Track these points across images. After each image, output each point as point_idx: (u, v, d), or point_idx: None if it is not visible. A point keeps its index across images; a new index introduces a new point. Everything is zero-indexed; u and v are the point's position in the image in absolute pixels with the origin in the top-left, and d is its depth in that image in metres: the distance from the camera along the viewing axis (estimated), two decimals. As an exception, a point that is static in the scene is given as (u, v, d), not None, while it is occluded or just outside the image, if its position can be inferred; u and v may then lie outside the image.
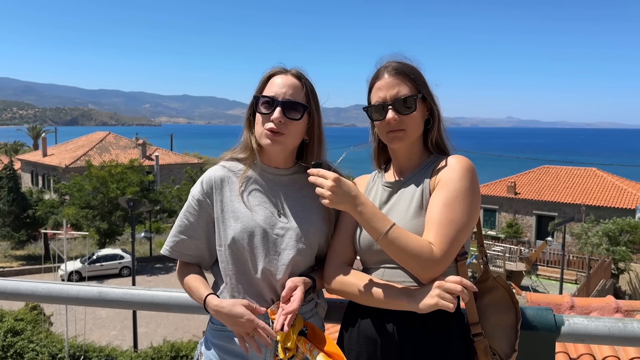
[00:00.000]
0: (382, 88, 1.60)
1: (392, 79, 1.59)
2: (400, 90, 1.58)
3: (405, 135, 1.60)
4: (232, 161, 1.76)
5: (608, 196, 28.87)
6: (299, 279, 1.59)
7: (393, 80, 1.59)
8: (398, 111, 1.58)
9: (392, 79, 1.59)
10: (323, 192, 1.45)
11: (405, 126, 1.59)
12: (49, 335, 12.89)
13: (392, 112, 1.58)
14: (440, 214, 1.48)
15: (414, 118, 1.59)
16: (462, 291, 1.40)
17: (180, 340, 13.68)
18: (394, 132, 1.60)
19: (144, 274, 26.30)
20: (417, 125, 1.61)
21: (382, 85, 1.60)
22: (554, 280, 23.82)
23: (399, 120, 1.58)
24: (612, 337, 1.64)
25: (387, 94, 1.59)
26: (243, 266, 1.65)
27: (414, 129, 1.61)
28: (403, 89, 1.58)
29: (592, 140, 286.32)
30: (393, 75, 1.59)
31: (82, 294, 1.97)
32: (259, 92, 1.68)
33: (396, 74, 1.59)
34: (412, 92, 1.58)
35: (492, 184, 33.05)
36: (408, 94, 1.58)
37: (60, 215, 27.38)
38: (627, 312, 4.53)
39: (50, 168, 42.02)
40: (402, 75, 1.59)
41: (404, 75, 1.59)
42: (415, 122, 1.60)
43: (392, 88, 1.58)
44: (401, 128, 1.59)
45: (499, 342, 1.54)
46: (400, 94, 1.58)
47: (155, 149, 46.41)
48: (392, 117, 1.57)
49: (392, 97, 1.58)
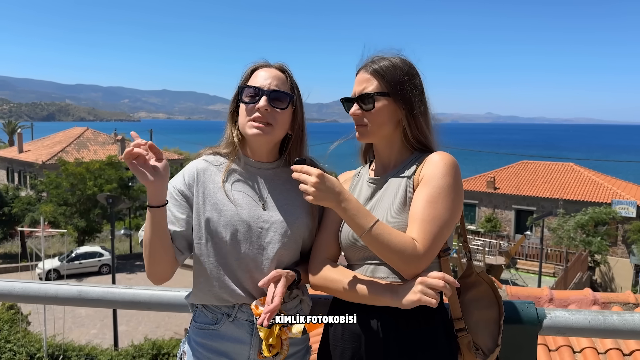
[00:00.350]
0: (355, 83, 1.65)
1: (364, 76, 1.63)
2: (367, 87, 1.61)
3: (366, 131, 1.63)
4: (214, 155, 1.74)
5: (585, 191, 29.42)
6: (282, 270, 1.58)
7: (365, 76, 1.62)
8: (360, 106, 1.61)
9: (364, 76, 1.63)
10: (306, 189, 1.44)
11: (367, 122, 1.62)
12: (27, 334, 12.67)
13: (355, 106, 1.62)
14: (423, 211, 1.48)
15: (375, 115, 1.60)
16: (444, 287, 1.40)
17: (161, 338, 13.58)
18: (357, 126, 1.65)
19: (124, 271, 26.01)
20: (380, 123, 1.61)
21: (356, 80, 1.65)
22: (533, 273, 24.24)
23: (360, 115, 1.62)
24: (592, 330, 1.67)
25: (356, 89, 1.64)
26: (224, 260, 1.62)
27: (377, 126, 1.62)
28: (370, 86, 1.60)
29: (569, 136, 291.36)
30: (367, 72, 1.63)
31: (61, 293, 1.93)
32: (243, 84, 1.66)
33: (369, 71, 1.62)
34: (377, 89, 1.60)
35: (472, 179, 33.42)
36: (371, 91, 1.60)
37: (37, 212, 26.89)
38: (604, 304, 4.63)
39: (26, 164, 41.18)
40: (373, 73, 1.61)
41: (375, 74, 1.61)
42: (377, 119, 1.61)
43: (361, 84, 1.62)
44: (363, 123, 1.62)
45: (482, 337, 1.56)
46: (365, 90, 1.61)
47: (135, 144, 45.66)
48: (353, 111, 1.63)
49: (358, 92, 1.62)
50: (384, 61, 1.62)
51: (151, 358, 12.12)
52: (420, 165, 1.59)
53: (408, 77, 1.61)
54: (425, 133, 1.64)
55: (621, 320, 1.65)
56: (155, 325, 18.33)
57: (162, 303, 1.88)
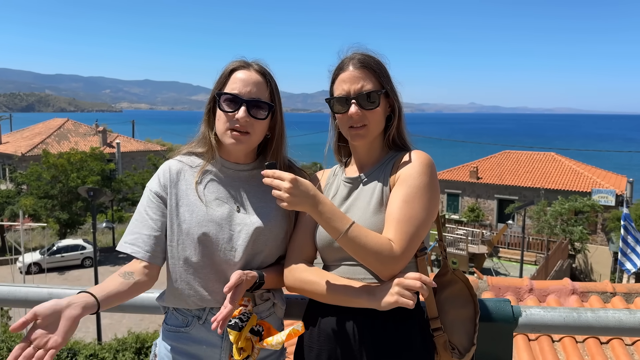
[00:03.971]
0: (346, 80, 1.57)
1: (356, 72, 1.55)
2: (365, 85, 1.55)
3: (367, 131, 1.58)
4: (189, 155, 1.70)
5: (566, 180, 29.84)
6: (242, 272, 1.51)
7: (358, 73, 1.55)
8: (361, 106, 1.55)
9: (356, 72, 1.55)
10: (280, 195, 1.40)
11: (367, 122, 1.56)
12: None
13: (355, 106, 1.55)
14: (399, 211, 1.46)
15: (376, 114, 1.57)
16: (421, 287, 1.39)
17: (145, 331, 13.47)
18: (355, 128, 1.57)
19: (107, 264, 25.75)
20: (379, 122, 1.59)
21: (347, 78, 1.56)
22: (515, 262, 24.57)
23: (361, 116, 1.55)
24: (567, 327, 1.68)
25: (351, 87, 1.55)
26: (195, 262, 1.59)
27: (376, 125, 1.59)
28: (367, 84, 1.55)
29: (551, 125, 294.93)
30: (358, 67, 1.56)
31: (31, 296, 1.88)
32: (220, 88, 1.61)
33: (361, 67, 1.56)
34: (376, 87, 1.55)
35: (455, 169, 33.67)
36: (372, 89, 1.54)
37: (17, 205, 26.42)
38: (582, 294, 4.70)
39: (5, 156, 40.40)
40: (367, 68, 1.55)
41: (369, 69, 1.55)
42: (377, 118, 1.58)
43: (357, 82, 1.55)
44: (363, 124, 1.56)
45: (458, 337, 1.56)
46: (364, 88, 1.55)
47: (117, 136, 45.14)
48: (355, 111, 1.54)
49: (356, 91, 1.55)
50: (367, 55, 1.58)
51: (135, 351, 12.03)
52: (397, 164, 1.57)
53: (388, 73, 1.59)
54: (403, 132, 1.62)
55: (595, 317, 1.66)
56: (139, 318, 18.21)
57: (134, 305, 1.84)
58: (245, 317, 1.51)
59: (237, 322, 1.49)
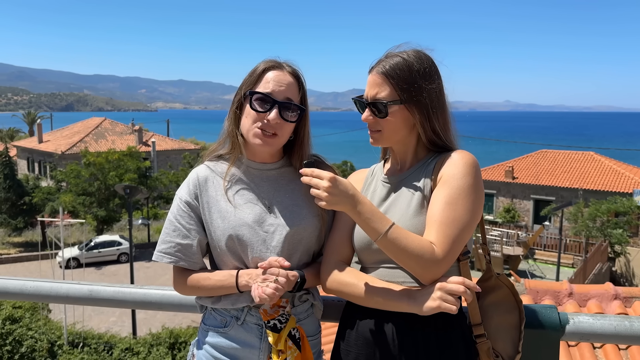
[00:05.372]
0: (367, 84, 1.56)
1: (377, 78, 1.52)
2: (379, 93, 1.51)
3: (381, 137, 1.55)
4: (215, 160, 1.69)
5: (606, 180, 28.89)
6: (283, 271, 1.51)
7: (377, 79, 1.52)
8: (373, 113, 1.53)
9: (377, 78, 1.52)
10: (319, 194, 1.38)
11: (381, 127, 1.54)
12: (48, 322, 12.92)
13: (367, 111, 1.54)
14: (442, 213, 1.41)
15: (390, 123, 1.52)
16: (465, 292, 1.34)
17: (179, 326, 13.72)
18: (371, 132, 1.57)
19: (142, 259, 26.32)
20: (395, 130, 1.53)
21: (368, 81, 1.56)
22: (551, 264, 23.95)
23: (374, 121, 1.54)
24: (617, 336, 1.60)
25: (369, 92, 1.54)
26: (234, 266, 1.60)
27: (392, 133, 1.54)
28: (382, 92, 1.50)
29: (589, 124, 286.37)
30: (379, 74, 1.52)
31: (72, 293, 1.91)
32: (251, 87, 1.59)
33: (381, 74, 1.51)
34: (390, 97, 1.50)
35: (490, 168, 33.03)
36: (384, 99, 1.50)
37: (57, 202, 27.28)
38: (625, 299, 4.52)
39: (46, 154, 41.75)
40: (386, 77, 1.50)
41: (388, 78, 1.50)
42: (392, 126, 1.53)
43: (373, 88, 1.53)
44: (377, 129, 1.55)
45: (502, 344, 1.50)
46: (377, 96, 1.51)
47: (152, 134, 46.10)
48: (366, 117, 1.55)
49: (371, 97, 1.53)
50: (397, 60, 1.51)
51: (168, 346, 12.27)
52: (439, 164, 1.52)
53: (424, 80, 1.50)
54: (441, 134, 1.55)
55: (649, 327, 1.57)
56: (173, 313, 18.51)
57: (173, 303, 1.86)
58: (284, 319, 1.49)
59: (275, 323, 1.48)
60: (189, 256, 1.62)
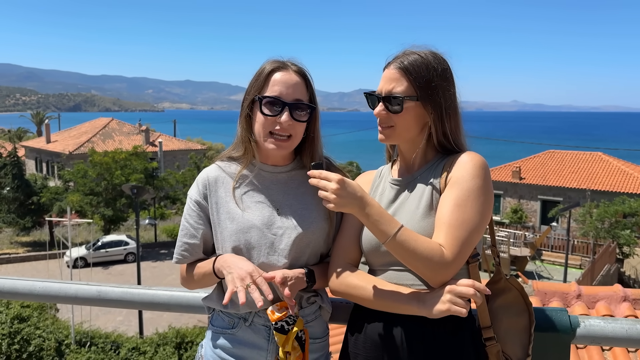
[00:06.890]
0: (383, 78, 1.54)
1: (394, 73, 1.51)
2: (396, 87, 1.49)
3: (393, 133, 1.54)
4: (227, 161, 1.69)
5: (614, 181, 28.69)
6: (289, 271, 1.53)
7: (395, 74, 1.51)
8: (387, 107, 1.51)
9: (394, 73, 1.51)
10: (327, 196, 1.37)
11: (394, 123, 1.52)
12: (55, 321, 12.99)
13: (381, 105, 1.52)
14: (451, 215, 1.40)
15: (403, 119, 1.51)
16: (474, 294, 1.33)
17: (185, 326, 13.75)
18: (382, 127, 1.55)
19: (149, 259, 26.42)
20: (408, 127, 1.52)
21: (384, 76, 1.54)
22: (559, 265, 23.79)
23: (386, 117, 1.52)
24: (629, 340, 1.58)
25: (384, 86, 1.52)
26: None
27: (405, 130, 1.53)
28: (399, 87, 1.49)
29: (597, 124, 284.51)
30: (397, 68, 1.51)
31: (80, 293, 1.92)
32: (259, 91, 1.58)
33: (400, 69, 1.50)
34: (407, 92, 1.48)
35: (497, 169, 32.88)
36: (401, 94, 1.49)
37: (64, 202, 27.44)
38: (634, 301, 4.48)
39: (54, 154, 42.01)
40: (404, 72, 1.49)
41: (406, 73, 1.49)
42: (405, 123, 1.51)
43: (390, 82, 1.51)
44: (390, 125, 1.53)
45: (511, 347, 1.48)
46: (394, 90, 1.50)
47: (159, 135, 46.26)
48: (379, 111, 1.53)
49: (387, 91, 1.51)
50: (415, 57, 1.50)
51: (175, 346, 12.29)
52: (448, 166, 1.50)
53: (440, 79, 1.49)
54: (452, 136, 1.54)
55: (662, 330, 1.55)
56: (179, 313, 18.59)
57: (181, 304, 1.86)
58: (291, 320, 1.49)
59: (283, 325, 1.47)
60: (195, 255, 1.65)
